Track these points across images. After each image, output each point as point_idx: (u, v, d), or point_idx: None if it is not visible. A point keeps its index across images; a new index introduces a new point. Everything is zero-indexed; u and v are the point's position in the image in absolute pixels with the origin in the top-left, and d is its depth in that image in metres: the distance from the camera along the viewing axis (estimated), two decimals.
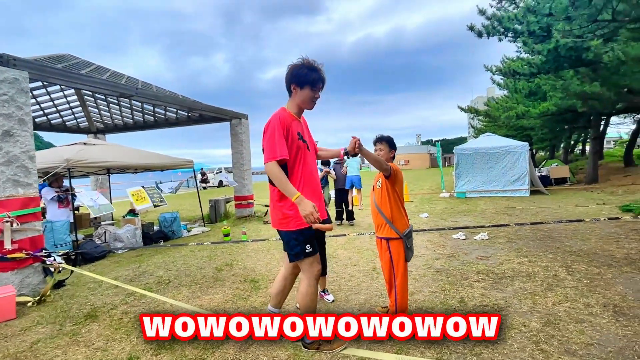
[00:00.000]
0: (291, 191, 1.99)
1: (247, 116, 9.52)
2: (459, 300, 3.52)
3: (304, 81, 2.19)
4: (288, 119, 2.16)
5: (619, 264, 4.32)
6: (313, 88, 2.23)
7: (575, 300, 3.35)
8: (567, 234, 5.96)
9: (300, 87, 2.20)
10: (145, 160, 7.59)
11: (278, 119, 2.13)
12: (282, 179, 2.00)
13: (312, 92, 2.24)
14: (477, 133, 30.19)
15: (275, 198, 2.17)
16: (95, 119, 10.27)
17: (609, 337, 2.66)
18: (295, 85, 2.20)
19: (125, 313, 3.64)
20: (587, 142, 27.92)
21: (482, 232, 6.25)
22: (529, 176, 11.79)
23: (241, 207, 9.51)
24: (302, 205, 1.96)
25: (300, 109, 2.28)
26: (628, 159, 17.12)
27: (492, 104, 19.36)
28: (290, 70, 2.22)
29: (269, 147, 2.06)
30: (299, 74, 2.18)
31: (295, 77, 2.19)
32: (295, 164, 2.15)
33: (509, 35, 8.56)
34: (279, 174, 2.00)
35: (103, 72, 6.84)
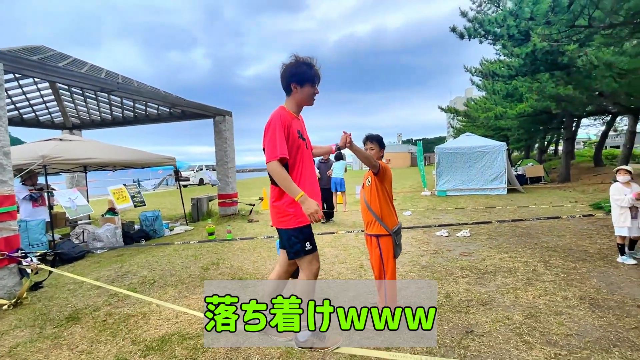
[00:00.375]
0: (295, 190, 1.99)
1: (231, 113, 9.40)
2: (444, 295, 3.61)
3: (305, 79, 2.19)
4: (288, 118, 2.17)
5: (592, 258, 4.55)
6: (313, 85, 2.25)
7: (554, 293, 3.50)
8: (543, 231, 6.22)
9: (301, 85, 2.20)
10: (126, 157, 7.37)
11: (279, 118, 2.13)
12: (286, 177, 2.01)
13: (312, 89, 2.26)
14: (456, 133, 30.94)
15: (275, 196, 2.16)
16: (70, 114, 9.87)
17: (586, 328, 2.80)
18: (296, 84, 2.20)
19: (109, 314, 3.53)
20: (560, 143, 29.14)
21: (464, 230, 6.43)
22: (507, 175, 12.20)
23: (225, 206, 9.39)
24: (306, 204, 1.97)
25: (300, 107, 2.28)
26: (597, 159, 17.98)
27: (472, 105, 19.88)
28: (288, 69, 2.21)
29: (270, 146, 2.05)
30: (299, 73, 2.18)
31: (296, 76, 2.18)
32: (295, 162, 2.16)
33: (489, 38, 8.79)
34: (282, 173, 2.00)
35: (80, 65, 6.59)
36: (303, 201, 1.98)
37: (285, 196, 2.12)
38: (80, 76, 5.26)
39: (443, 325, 2.99)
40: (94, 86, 5.65)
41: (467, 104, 20.66)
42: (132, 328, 3.21)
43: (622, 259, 4.33)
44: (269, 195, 2.33)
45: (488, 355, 2.51)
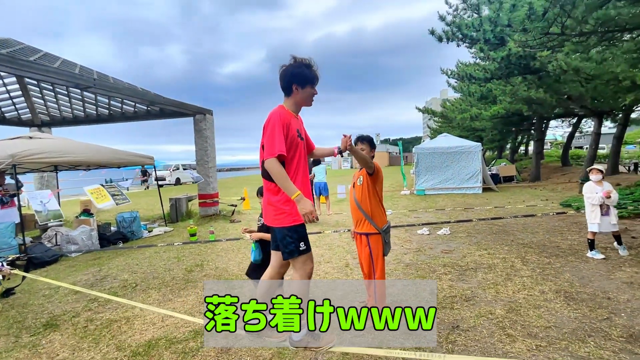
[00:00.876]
0: (291, 189, 2.00)
1: (211, 112, 9.23)
2: (429, 292, 3.72)
3: (306, 80, 2.22)
4: (288, 117, 2.18)
5: (564, 254, 4.80)
6: (313, 85, 2.27)
7: (531, 288, 3.68)
8: (518, 228, 6.49)
9: (302, 87, 2.22)
10: (102, 156, 7.09)
11: (278, 116, 2.13)
12: (283, 176, 2.01)
13: (312, 90, 2.28)
14: (433, 133, 31.71)
15: (271, 193, 2.16)
16: (40, 111, 9.38)
17: (563, 320, 2.97)
18: (297, 85, 2.21)
19: (90, 320, 3.41)
20: (530, 144, 30.46)
21: (444, 228, 6.62)
22: (482, 174, 12.64)
23: (206, 206, 9.21)
24: (302, 204, 1.98)
25: (299, 107, 2.30)
26: (565, 159, 18.93)
27: (448, 106, 20.44)
28: (289, 70, 2.23)
29: (269, 143, 2.05)
30: (300, 74, 2.20)
31: (297, 77, 2.20)
32: (292, 161, 2.16)
33: (466, 42, 9.08)
34: (279, 171, 2.01)
35: (52, 59, 6.28)
36: (299, 200, 2.00)
37: (281, 194, 2.12)
38: (54, 71, 5.01)
39: None
40: (68, 82, 5.40)
41: (443, 105, 21.23)
42: (115, 334, 3.11)
43: (592, 254, 4.60)
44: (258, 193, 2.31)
45: (475, 349, 2.61)
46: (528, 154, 30.45)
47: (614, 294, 3.42)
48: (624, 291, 3.48)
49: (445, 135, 14.81)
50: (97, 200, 6.19)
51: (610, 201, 4.50)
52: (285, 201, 2.12)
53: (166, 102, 7.89)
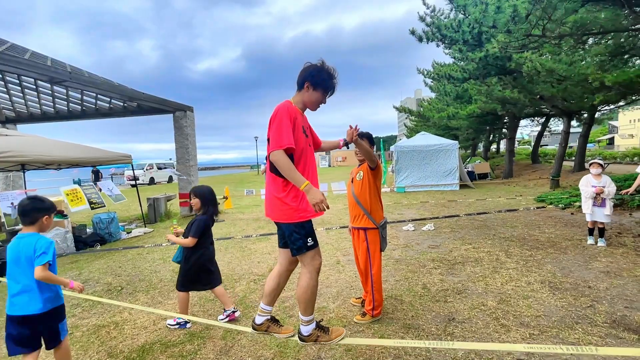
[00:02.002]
0: (299, 179, 1.96)
1: (192, 108, 8.97)
2: (422, 286, 3.79)
3: (320, 85, 2.19)
4: (295, 111, 2.14)
5: (544, 246, 5.04)
6: (324, 93, 2.25)
7: (518, 279, 3.83)
8: (498, 223, 6.75)
9: (313, 88, 2.20)
10: (76, 154, 6.73)
11: (286, 109, 2.10)
12: (290, 167, 1.97)
13: (322, 97, 2.26)
14: (409, 132, 32.36)
15: (277, 189, 2.11)
16: (4, 106, 8.79)
17: (551, 309, 3.11)
18: (310, 84, 2.19)
19: (75, 327, 3.23)
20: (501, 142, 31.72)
21: (429, 224, 6.78)
22: (459, 172, 13.03)
23: (187, 205, 8.96)
24: (312, 193, 1.94)
25: (305, 107, 2.26)
26: (534, 157, 19.84)
27: (425, 105, 20.91)
28: (309, 68, 2.20)
29: (275, 135, 2.00)
30: (318, 76, 2.18)
31: (313, 78, 2.18)
32: (300, 158, 2.12)
33: (445, 42, 9.32)
34: (286, 162, 1.96)
35: (21, 51, 5.89)
36: (308, 190, 1.96)
37: (288, 190, 2.09)
38: (25, 63, 4.69)
39: (426, 314, 3.14)
40: (42, 75, 5.08)
41: (420, 104, 21.69)
42: (104, 339, 2.97)
43: (590, 241, 5.04)
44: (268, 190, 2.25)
45: (472, 339, 2.68)
46: (500, 151, 31.69)
47: (594, 283, 3.62)
48: (602, 280, 3.69)
49: (424, 134, 15.15)
50: (71, 203, 5.86)
51: (605, 194, 4.79)
52: (293, 197, 2.08)
53: (146, 98, 7.60)
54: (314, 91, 2.22)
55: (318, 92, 2.23)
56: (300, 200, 2.10)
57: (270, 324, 2.28)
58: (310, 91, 2.22)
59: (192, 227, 3.10)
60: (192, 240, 3.05)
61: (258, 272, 4.52)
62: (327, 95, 2.31)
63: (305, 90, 2.22)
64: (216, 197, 3.34)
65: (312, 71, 2.20)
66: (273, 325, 2.28)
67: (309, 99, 2.25)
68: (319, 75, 2.20)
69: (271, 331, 2.27)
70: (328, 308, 3.38)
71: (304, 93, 2.24)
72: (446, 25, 8.82)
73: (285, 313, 3.29)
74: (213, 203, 3.25)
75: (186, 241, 3.06)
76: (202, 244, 3.14)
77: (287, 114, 2.06)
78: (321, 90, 2.23)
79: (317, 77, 2.19)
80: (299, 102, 2.25)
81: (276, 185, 2.12)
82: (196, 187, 3.32)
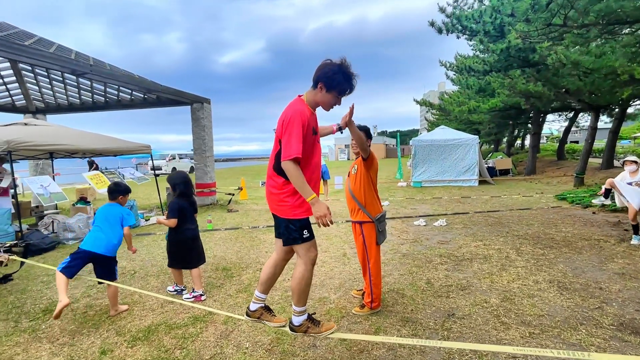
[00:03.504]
0: (307, 192, 1.97)
1: (209, 100, 9.14)
2: (425, 281, 3.77)
3: (334, 87, 2.11)
4: (307, 115, 2.10)
5: (558, 245, 4.88)
6: (338, 96, 2.17)
7: (526, 278, 3.74)
8: (514, 220, 6.57)
9: (327, 89, 2.12)
10: (98, 144, 7.03)
11: (299, 116, 2.04)
12: (300, 179, 1.95)
13: (335, 100, 2.18)
14: (430, 126, 31.71)
15: (276, 186, 2.14)
16: (34, 97, 9.25)
17: (556, 309, 3.03)
18: (323, 85, 2.11)
19: (89, 306, 3.43)
20: (526, 137, 30.58)
21: (441, 219, 6.68)
22: (478, 167, 12.70)
23: (203, 195, 9.20)
24: (317, 207, 1.96)
25: (317, 105, 2.21)
26: (560, 153, 19.04)
27: (446, 99, 20.41)
28: (324, 68, 2.12)
29: (287, 145, 1.99)
30: (332, 78, 2.09)
31: (327, 79, 2.09)
32: (308, 158, 2.12)
33: (466, 33, 9.03)
34: (297, 174, 1.95)
35: (47, 45, 6.18)
36: (314, 203, 1.98)
37: (286, 187, 2.12)
38: (49, 56, 4.92)
39: (426, 309, 3.13)
40: (64, 68, 5.32)
41: (441, 98, 21.19)
42: (115, 319, 3.14)
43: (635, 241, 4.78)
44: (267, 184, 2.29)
45: (469, 336, 2.66)
46: (524, 147, 30.58)
47: (606, 284, 3.49)
48: (616, 281, 3.55)
49: (443, 128, 14.83)
50: (97, 186, 6.17)
51: None
52: (289, 194, 2.11)
53: (163, 90, 7.80)
54: (327, 93, 2.13)
55: (331, 94, 2.14)
56: (296, 198, 2.12)
57: (264, 312, 2.34)
58: (323, 92, 2.13)
59: (169, 209, 3.56)
60: (173, 221, 3.46)
61: (265, 261, 4.61)
62: (342, 97, 2.22)
63: (318, 90, 2.14)
64: (187, 181, 3.70)
65: (328, 72, 2.09)
66: (266, 313, 2.34)
67: (321, 99, 2.17)
68: (335, 78, 2.09)
69: (263, 319, 2.33)
70: (329, 299, 3.42)
71: (317, 93, 2.16)
72: (467, 16, 8.53)
73: (288, 302, 3.35)
74: (182, 186, 3.62)
75: (169, 222, 3.48)
76: (181, 225, 3.51)
77: (300, 120, 2.02)
78: (335, 92, 2.13)
79: (332, 79, 2.08)
80: (311, 101, 2.18)
81: (275, 183, 2.16)
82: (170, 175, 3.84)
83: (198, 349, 2.64)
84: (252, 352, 2.57)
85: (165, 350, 2.62)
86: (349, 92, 2.21)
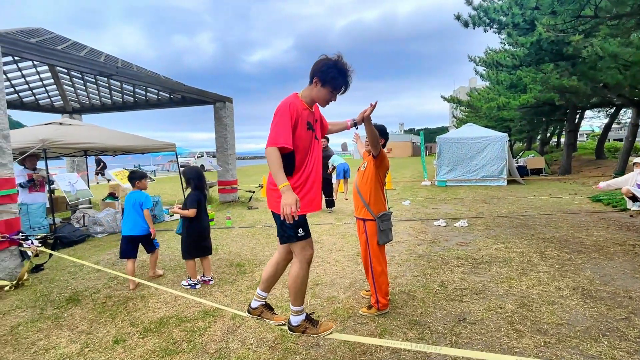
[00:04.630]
0: (280, 179, 1.96)
1: (231, 99, 9.33)
2: (439, 284, 3.66)
3: (328, 82, 2.12)
4: (299, 108, 2.11)
5: (588, 250, 4.58)
6: (333, 91, 2.18)
7: (547, 283, 3.54)
8: (541, 222, 6.24)
9: (322, 84, 2.13)
10: (125, 142, 7.36)
11: (288, 107, 2.07)
12: (276, 165, 1.98)
13: (330, 95, 2.19)
14: (459, 123, 30.72)
15: (271, 183, 2.16)
16: (70, 98, 9.82)
17: (577, 318, 2.85)
18: (318, 80, 2.13)
19: (108, 297, 3.60)
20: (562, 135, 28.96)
21: (462, 220, 6.46)
22: (507, 166, 12.17)
23: (225, 192, 9.42)
24: (285, 195, 1.93)
25: (313, 101, 2.22)
26: (599, 151, 17.89)
27: (474, 95, 19.69)
28: (320, 63, 2.13)
29: (272, 132, 2.02)
30: (326, 73, 2.10)
31: (322, 74, 2.11)
32: (304, 155, 2.12)
33: (494, 27, 8.65)
34: (274, 160, 1.97)
35: (80, 48, 6.53)
36: (284, 191, 1.95)
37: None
38: (78, 59, 5.21)
39: (436, 312, 3.04)
40: (92, 70, 5.60)
41: (469, 94, 20.47)
42: (131, 310, 3.27)
43: None
44: (267, 180, 2.32)
45: (479, 342, 2.56)
46: (560, 145, 29.00)
47: (637, 294, 3.24)
48: None
49: (470, 125, 14.32)
50: (122, 181, 6.47)
51: None
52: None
53: (186, 90, 8.04)
54: (322, 88, 2.14)
55: (326, 90, 2.15)
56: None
57: (264, 310, 2.36)
58: (318, 87, 2.15)
59: (187, 201, 3.77)
60: (193, 211, 3.69)
61: None
62: (337, 93, 2.23)
63: (314, 85, 2.16)
64: (200, 175, 3.94)
65: (323, 67, 2.11)
66: (266, 311, 2.36)
67: (317, 95, 2.18)
68: (329, 72, 2.10)
69: (264, 317, 2.34)
70: (338, 298, 3.40)
71: (312, 88, 2.18)
72: (495, 8, 8.18)
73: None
74: (197, 180, 3.86)
75: (188, 212, 3.69)
76: (199, 215, 3.78)
77: (287, 111, 2.04)
78: (330, 87, 2.14)
79: (326, 73, 2.10)
80: (307, 97, 2.19)
81: (271, 177, 2.17)
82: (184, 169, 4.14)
83: (204, 342, 2.70)
84: (256, 348, 2.60)
85: (173, 343, 2.70)
86: (345, 88, 2.21)
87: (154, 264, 4.10)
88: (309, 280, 3.80)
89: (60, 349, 2.66)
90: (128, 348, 2.65)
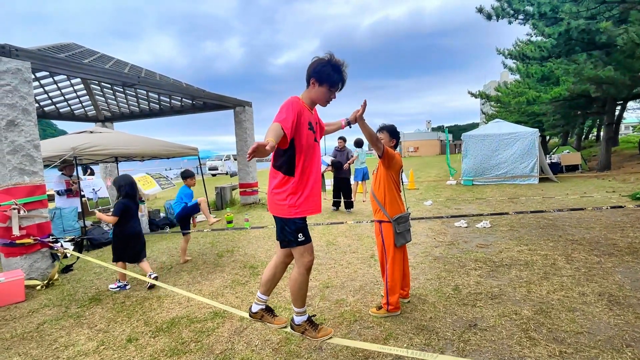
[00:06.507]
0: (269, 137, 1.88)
1: (250, 104, 9.50)
2: (453, 287, 3.54)
3: (325, 80, 2.15)
4: (301, 106, 2.15)
5: (620, 252, 4.27)
6: (331, 89, 2.20)
7: (570, 289, 3.33)
8: (571, 223, 5.88)
9: (319, 84, 2.17)
10: (150, 148, 7.69)
11: (292, 103, 2.11)
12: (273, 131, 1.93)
13: (329, 93, 2.21)
14: (488, 119, 29.55)
15: (272, 185, 2.19)
16: (102, 107, 10.39)
17: (599, 326, 2.66)
18: (315, 81, 2.16)
19: (127, 297, 3.77)
20: (602, 128, 27.13)
21: (485, 220, 6.21)
22: (538, 163, 11.56)
23: (246, 195, 9.60)
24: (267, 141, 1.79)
25: (313, 103, 2.25)
26: None
27: (503, 90, 18.89)
28: (314, 64, 2.17)
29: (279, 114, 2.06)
30: (321, 71, 2.14)
31: (318, 73, 2.15)
32: (302, 152, 2.13)
33: (519, 18, 8.28)
34: (274, 127, 1.96)
35: (107, 60, 6.89)
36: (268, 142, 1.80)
37: (285, 186, 2.14)
38: (102, 71, 5.51)
39: (446, 317, 2.94)
40: (115, 80, 5.91)
41: (498, 89, 19.65)
42: (146, 310, 3.41)
43: None
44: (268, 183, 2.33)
45: (488, 350, 2.45)
46: (599, 139, 27.19)
47: None
48: None
49: (498, 121, 13.72)
50: (144, 187, 6.76)
51: None
52: (287, 195, 2.13)
53: (206, 96, 8.28)
54: (319, 87, 2.18)
55: (324, 88, 2.18)
56: (294, 198, 2.14)
57: (264, 313, 2.38)
58: (316, 87, 2.19)
59: (114, 208, 3.93)
60: (113, 218, 3.86)
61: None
62: (336, 90, 2.25)
63: (311, 87, 2.19)
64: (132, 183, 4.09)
65: (317, 67, 2.16)
66: (267, 314, 2.38)
67: (316, 95, 2.21)
68: (324, 70, 2.14)
69: (265, 320, 2.37)
70: (346, 301, 3.37)
71: (310, 90, 2.22)
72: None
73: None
74: (127, 187, 4.00)
75: (108, 219, 3.87)
76: (122, 222, 3.92)
77: (292, 106, 2.08)
78: (327, 85, 2.18)
79: (321, 72, 2.14)
80: (307, 99, 2.23)
81: (275, 181, 2.19)
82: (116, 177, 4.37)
83: (211, 343, 2.76)
84: (260, 350, 2.63)
85: (182, 343, 2.78)
86: (341, 84, 2.22)
87: (183, 251, 4.82)
88: (319, 283, 3.82)
89: (78, 346, 2.82)
90: (139, 347, 2.76)
